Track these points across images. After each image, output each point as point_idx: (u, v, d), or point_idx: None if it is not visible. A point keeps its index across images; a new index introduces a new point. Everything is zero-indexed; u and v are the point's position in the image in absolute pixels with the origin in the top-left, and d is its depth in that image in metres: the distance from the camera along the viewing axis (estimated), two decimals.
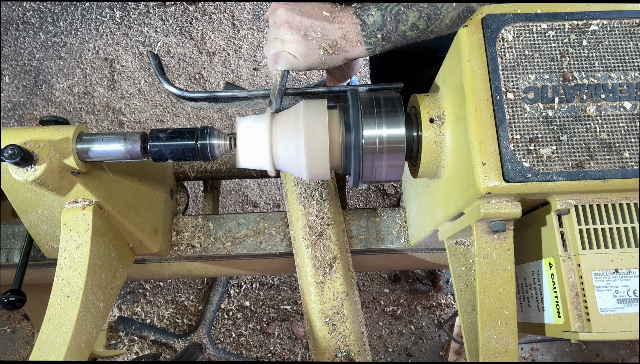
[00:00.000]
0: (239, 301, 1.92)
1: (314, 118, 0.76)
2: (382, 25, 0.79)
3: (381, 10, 0.79)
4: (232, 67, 2.26)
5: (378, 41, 0.80)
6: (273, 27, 0.83)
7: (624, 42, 0.67)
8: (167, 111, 2.20)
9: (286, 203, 1.05)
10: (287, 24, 0.80)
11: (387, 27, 0.79)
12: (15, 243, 1.08)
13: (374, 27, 0.79)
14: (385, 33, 0.79)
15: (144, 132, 0.81)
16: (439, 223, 0.82)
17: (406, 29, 0.79)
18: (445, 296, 1.90)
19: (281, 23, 0.80)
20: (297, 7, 0.81)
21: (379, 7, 0.79)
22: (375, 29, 0.79)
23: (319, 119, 0.76)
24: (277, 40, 0.81)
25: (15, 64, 2.30)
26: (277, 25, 0.81)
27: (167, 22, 2.35)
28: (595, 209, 0.66)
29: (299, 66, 0.82)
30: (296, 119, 0.77)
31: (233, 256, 1.09)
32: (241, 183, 2.09)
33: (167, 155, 0.80)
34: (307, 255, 0.98)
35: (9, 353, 1.42)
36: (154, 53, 0.87)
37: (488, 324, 0.69)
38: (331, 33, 0.80)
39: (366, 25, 0.79)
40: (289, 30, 0.80)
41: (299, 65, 0.82)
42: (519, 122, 0.64)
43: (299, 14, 0.80)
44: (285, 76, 0.83)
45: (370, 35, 0.80)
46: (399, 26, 0.78)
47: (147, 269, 1.14)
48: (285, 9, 0.81)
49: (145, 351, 1.84)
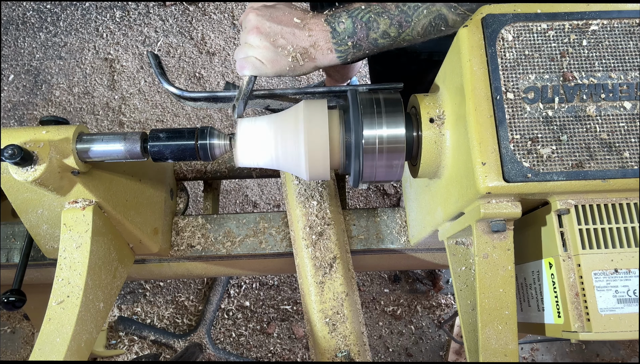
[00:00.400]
0: (239, 301, 1.92)
1: (314, 118, 0.76)
2: (352, 33, 0.78)
3: (352, 17, 0.78)
4: (232, 67, 2.26)
5: (349, 49, 0.79)
6: (243, 31, 0.82)
7: (624, 42, 0.67)
8: (167, 111, 2.20)
9: (286, 203, 1.05)
10: (256, 29, 0.79)
11: (358, 35, 0.78)
12: (15, 243, 1.08)
13: (344, 35, 0.78)
14: (356, 40, 0.78)
15: (144, 132, 0.81)
16: (439, 223, 0.82)
17: (377, 36, 0.78)
18: (445, 296, 1.90)
19: (251, 28, 0.80)
20: (268, 13, 0.80)
21: (349, 15, 0.78)
22: (345, 37, 0.78)
23: (320, 119, 0.76)
24: (247, 45, 0.81)
25: (15, 64, 2.30)
26: (247, 29, 0.80)
27: (167, 22, 2.35)
28: (595, 209, 0.66)
29: (266, 72, 0.81)
30: (296, 119, 0.77)
31: (233, 256, 1.09)
32: (241, 183, 2.09)
33: (167, 155, 0.80)
34: (307, 255, 0.98)
35: (9, 353, 1.42)
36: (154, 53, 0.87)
37: (488, 324, 0.69)
38: (301, 40, 0.79)
39: (336, 33, 0.78)
40: (257, 36, 0.79)
41: (266, 71, 0.81)
42: (519, 121, 0.64)
43: (269, 20, 0.79)
44: (251, 81, 0.82)
45: (340, 43, 0.79)
46: (370, 34, 0.78)
47: (147, 269, 1.14)
48: (255, 14, 0.80)
49: (145, 351, 1.84)
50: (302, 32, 0.79)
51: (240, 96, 0.83)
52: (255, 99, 0.89)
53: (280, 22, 0.79)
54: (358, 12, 0.78)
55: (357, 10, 0.78)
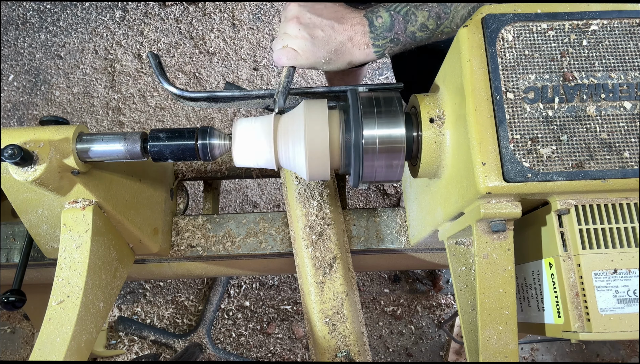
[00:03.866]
0: (239, 301, 1.92)
1: (314, 118, 0.76)
2: (390, 27, 0.78)
3: (389, 11, 0.78)
4: (232, 67, 2.26)
5: (386, 43, 0.79)
6: (283, 21, 0.82)
7: (624, 42, 0.67)
8: (167, 111, 2.20)
9: (286, 203, 1.05)
10: (296, 19, 0.80)
11: (396, 29, 0.78)
12: (15, 243, 1.08)
13: (382, 29, 0.78)
14: (393, 35, 0.78)
15: (144, 132, 0.81)
16: (439, 223, 0.82)
17: (415, 29, 0.78)
18: (445, 296, 1.90)
19: (290, 18, 0.80)
20: (309, 5, 0.80)
21: (387, 9, 0.78)
22: (383, 31, 0.78)
23: (320, 119, 0.76)
24: (285, 34, 0.81)
25: (15, 64, 2.29)
26: (286, 19, 0.81)
27: (167, 22, 2.35)
28: (595, 209, 0.66)
29: (302, 63, 0.81)
30: (297, 119, 0.77)
31: (233, 256, 1.09)
32: (241, 183, 2.09)
33: (167, 155, 0.80)
34: (307, 255, 0.98)
35: (9, 353, 1.42)
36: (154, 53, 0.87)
37: (488, 324, 0.69)
38: (339, 33, 0.79)
39: (374, 27, 0.79)
40: (296, 26, 0.79)
41: (302, 62, 0.81)
42: (519, 121, 0.64)
43: (310, 11, 0.79)
44: (290, 73, 0.82)
45: (378, 37, 0.79)
46: (408, 27, 0.78)
47: (147, 269, 1.14)
48: (297, 4, 0.81)
49: (145, 351, 1.84)
50: (340, 25, 0.79)
51: (280, 90, 0.82)
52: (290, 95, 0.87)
53: (321, 15, 0.79)
54: (396, 6, 0.78)
55: (396, 4, 0.78)
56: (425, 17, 0.77)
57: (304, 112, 0.76)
